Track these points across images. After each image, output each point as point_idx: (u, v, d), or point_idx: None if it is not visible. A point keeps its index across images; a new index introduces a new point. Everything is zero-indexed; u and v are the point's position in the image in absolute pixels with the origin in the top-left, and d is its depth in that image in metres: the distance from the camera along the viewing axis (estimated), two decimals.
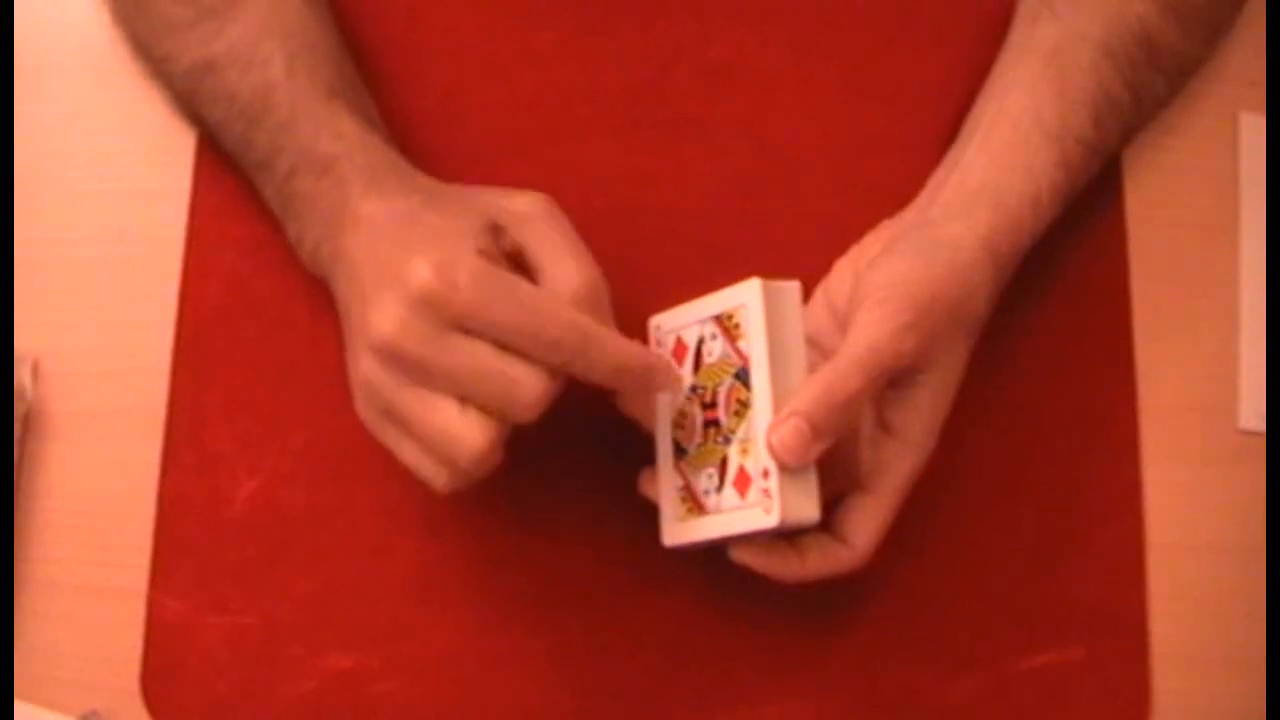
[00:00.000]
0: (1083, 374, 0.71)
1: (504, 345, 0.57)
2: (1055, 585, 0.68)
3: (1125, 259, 0.72)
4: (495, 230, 0.61)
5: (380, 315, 0.58)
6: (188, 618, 0.67)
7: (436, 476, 0.60)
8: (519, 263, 0.61)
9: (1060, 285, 0.71)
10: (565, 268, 0.60)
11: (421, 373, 0.58)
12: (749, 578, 0.62)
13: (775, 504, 0.59)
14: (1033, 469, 0.70)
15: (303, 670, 0.67)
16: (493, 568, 0.68)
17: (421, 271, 0.57)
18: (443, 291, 0.57)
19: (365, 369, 0.59)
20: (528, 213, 0.62)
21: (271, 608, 0.67)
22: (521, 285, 0.58)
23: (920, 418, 0.63)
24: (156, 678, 0.67)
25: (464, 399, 0.58)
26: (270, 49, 0.66)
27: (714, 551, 0.63)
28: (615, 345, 0.59)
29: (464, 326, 0.57)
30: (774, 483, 0.59)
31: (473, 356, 0.57)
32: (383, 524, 0.68)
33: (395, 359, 0.58)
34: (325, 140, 0.65)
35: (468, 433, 0.58)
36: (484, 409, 0.58)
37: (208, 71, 0.67)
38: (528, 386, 0.58)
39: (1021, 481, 0.70)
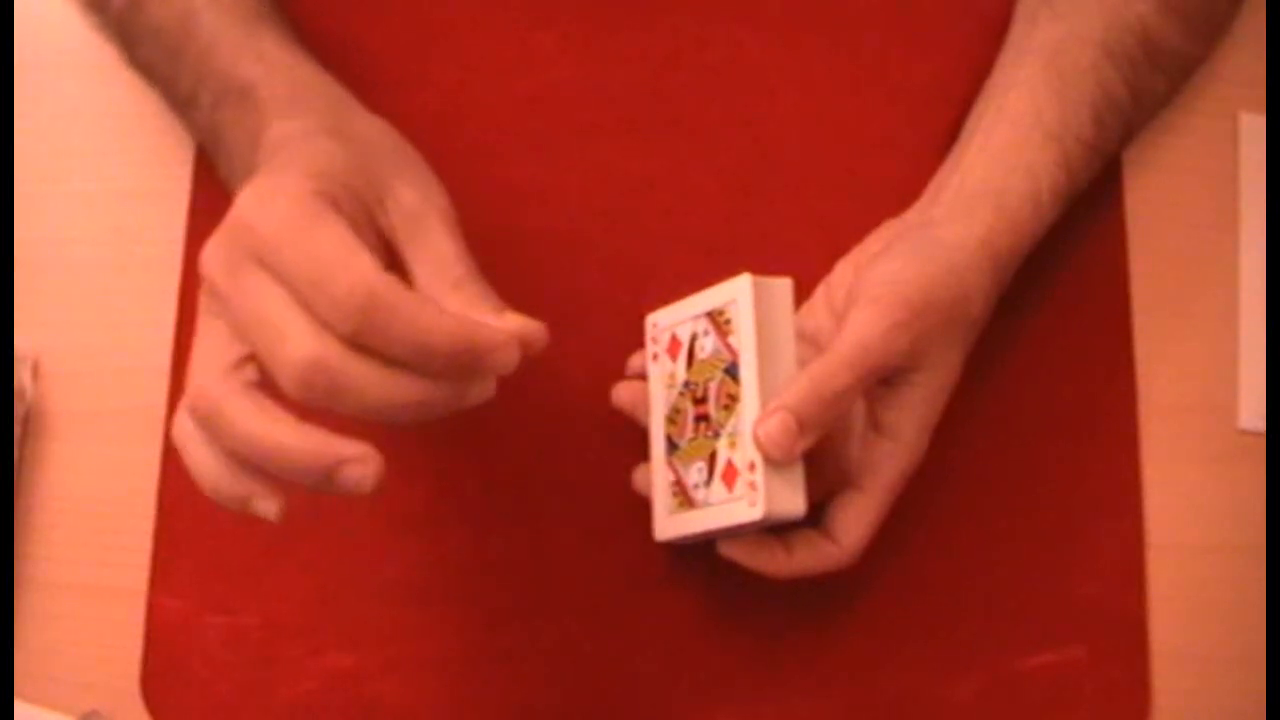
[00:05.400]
0: (1083, 374, 0.71)
1: (296, 296, 0.49)
2: (1055, 585, 0.68)
3: (1125, 259, 0.72)
4: (373, 204, 0.55)
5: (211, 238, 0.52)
6: (188, 618, 0.67)
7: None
8: (390, 249, 0.56)
9: (1060, 285, 0.71)
10: (434, 272, 0.54)
11: (220, 308, 0.51)
12: (747, 578, 0.62)
13: (760, 497, 0.59)
14: (1032, 469, 0.70)
15: (303, 670, 0.67)
16: (492, 568, 0.68)
17: (244, 197, 0.51)
18: (251, 222, 0.50)
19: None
20: (414, 213, 0.56)
21: (271, 608, 0.67)
22: (330, 233, 0.49)
23: (913, 417, 0.63)
24: (156, 678, 0.67)
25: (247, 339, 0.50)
26: None
27: (713, 550, 0.63)
28: (417, 317, 0.49)
29: (264, 264, 0.50)
30: (760, 476, 0.59)
31: (256, 298, 0.49)
32: (382, 524, 0.68)
33: (206, 292, 0.52)
34: (245, 64, 0.63)
35: (291, 333, 0.49)
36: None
37: (136, 10, 0.66)
38: (290, 346, 0.48)
39: (1021, 481, 0.70)
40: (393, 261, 0.55)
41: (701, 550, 0.64)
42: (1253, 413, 0.71)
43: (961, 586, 0.68)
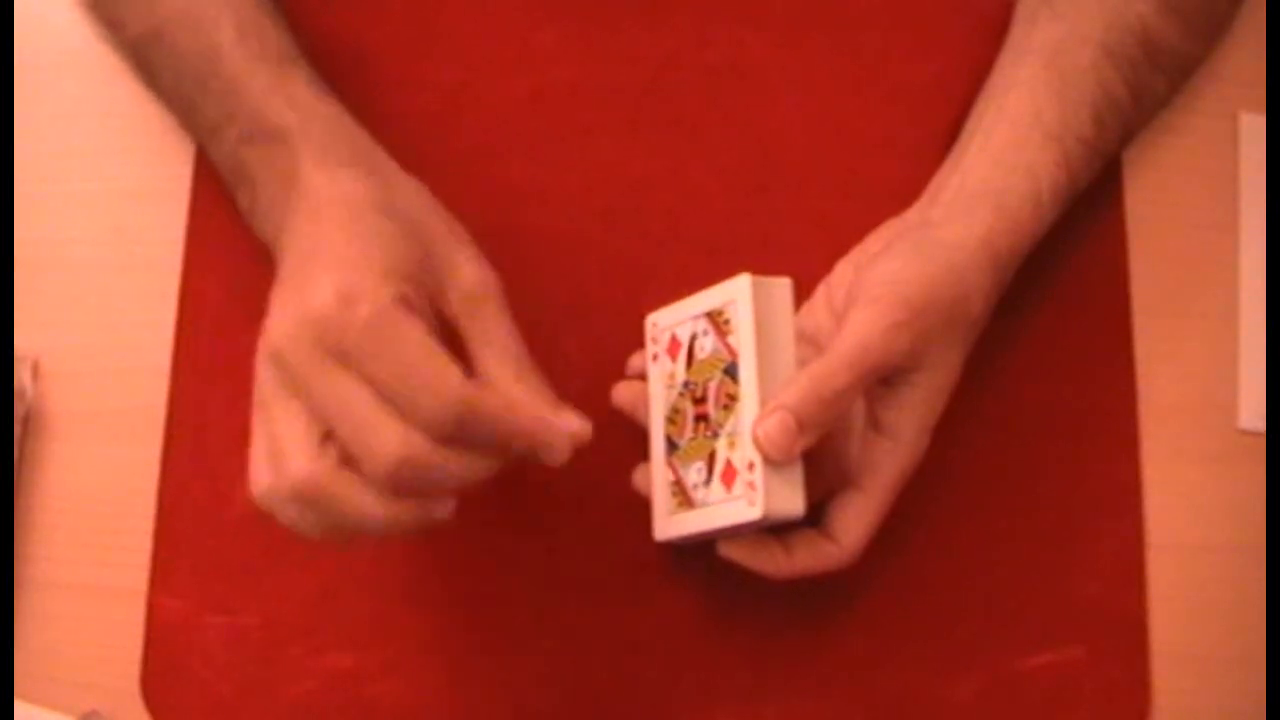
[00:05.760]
0: (1083, 374, 0.71)
1: (385, 398, 0.54)
2: (1055, 585, 0.68)
3: (1125, 259, 0.72)
4: (432, 287, 0.59)
5: (277, 319, 0.56)
6: (188, 618, 0.67)
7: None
8: (448, 330, 0.60)
9: (1060, 285, 0.71)
10: (500, 362, 0.59)
11: (297, 390, 0.55)
12: (747, 578, 0.62)
13: (759, 497, 0.59)
14: (1033, 469, 0.70)
15: (303, 670, 0.67)
16: (493, 567, 0.68)
17: (324, 293, 0.55)
18: (335, 323, 0.54)
19: (259, 358, 0.57)
20: (474, 294, 0.60)
21: (271, 608, 0.67)
22: (414, 346, 0.55)
23: (913, 417, 0.63)
24: (156, 678, 0.67)
25: (329, 429, 0.55)
26: (217, 12, 0.65)
27: (713, 551, 0.63)
28: (501, 423, 0.56)
29: (349, 365, 0.54)
30: (759, 476, 0.59)
31: (344, 396, 0.54)
32: None
33: (279, 368, 0.56)
34: (276, 106, 0.64)
35: (383, 434, 0.54)
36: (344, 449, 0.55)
37: (156, 38, 0.66)
38: (382, 446, 0.53)
39: (1021, 481, 0.70)
40: (448, 335, 0.59)
41: (701, 550, 0.64)
42: (1253, 413, 0.71)
43: (961, 586, 0.68)
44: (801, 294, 0.63)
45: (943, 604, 0.68)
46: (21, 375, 0.69)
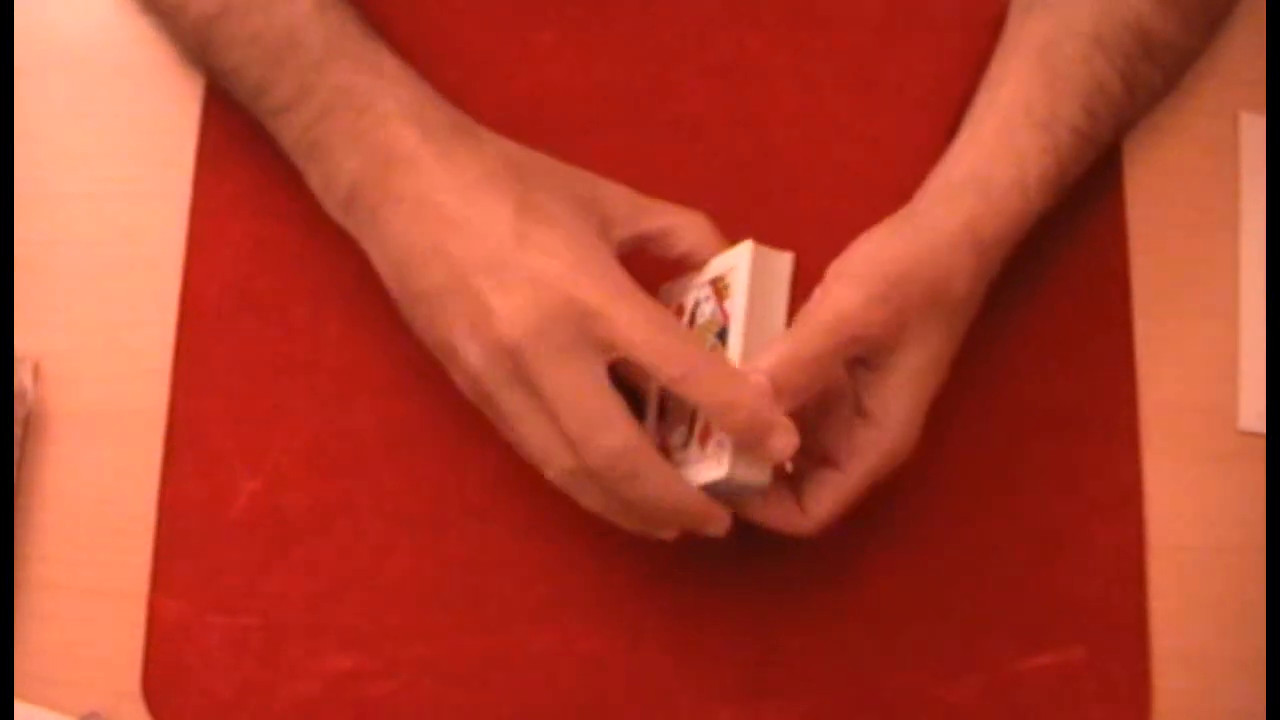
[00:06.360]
0: (1082, 373, 0.71)
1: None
2: (1055, 585, 0.68)
3: (1125, 258, 0.72)
4: (604, 227, 0.63)
5: (506, 309, 0.59)
6: (188, 618, 0.67)
7: (561, 459, 0.60)
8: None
9: (1060, 284, 0.71)
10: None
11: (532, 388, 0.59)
12: (747, 577, 0.63)
13: (726, 455, 0.59)
14: (1032, 469, 0.70)
15: (303, 671, 0.67)
16: (493, 567, 0.68)
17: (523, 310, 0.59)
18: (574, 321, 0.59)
19: (477, 358, 0.60)
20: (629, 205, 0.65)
21: (271, 608, 0.67)
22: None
23: (897, 401, 0.62)
24: (157, 678, 0.67)
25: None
26: None
27: (713, 551, 0.63)
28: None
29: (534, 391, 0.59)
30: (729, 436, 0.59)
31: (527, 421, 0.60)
32: (383, 524, 0.68)
33: (517, 363, 0.59)
34: (364, 77, 0.64)
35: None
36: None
37: (223, 15, 0.65)
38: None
39: (1021, 481, 0.70)
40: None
41: (702, 550, 0.64)
42: (1253, 413, 0.71)
43: (962, 587, 0.68)
44: (801, 295, 0.63)
45: (943, 604, 0.68)
46: (22, 376, 0.69)
